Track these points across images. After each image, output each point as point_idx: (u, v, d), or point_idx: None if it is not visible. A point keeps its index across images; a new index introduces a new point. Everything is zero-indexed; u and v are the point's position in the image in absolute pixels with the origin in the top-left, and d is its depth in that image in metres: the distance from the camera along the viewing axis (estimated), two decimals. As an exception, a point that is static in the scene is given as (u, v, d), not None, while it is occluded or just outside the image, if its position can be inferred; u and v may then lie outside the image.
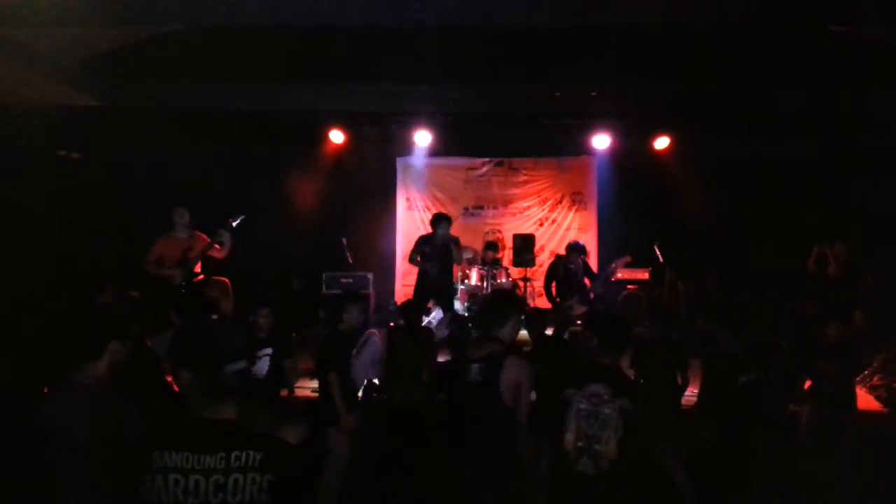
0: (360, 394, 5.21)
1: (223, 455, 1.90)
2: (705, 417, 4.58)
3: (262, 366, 4.90)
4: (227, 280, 6.82)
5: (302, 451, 2.13)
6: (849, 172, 8.54)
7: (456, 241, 7.63)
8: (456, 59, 6.70)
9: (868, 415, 5.35)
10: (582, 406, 3.12)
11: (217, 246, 6.46)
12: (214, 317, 5.28)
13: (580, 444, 3.09)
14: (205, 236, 6.55)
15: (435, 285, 7.55)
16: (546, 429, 3.27)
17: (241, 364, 2.05)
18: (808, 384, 4.87)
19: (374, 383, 5.48)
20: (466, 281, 9.03)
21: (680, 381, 4.87)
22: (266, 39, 6.46)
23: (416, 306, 6.00)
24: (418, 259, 7.55)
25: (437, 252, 7.48)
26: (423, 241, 7.62)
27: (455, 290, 8.51)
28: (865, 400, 5.62)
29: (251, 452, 1.91)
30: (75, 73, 7.11)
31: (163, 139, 8.80)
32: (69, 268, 7.17)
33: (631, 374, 4.81)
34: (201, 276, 6.56)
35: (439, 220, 7.57)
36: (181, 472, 1.88)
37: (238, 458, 1.90)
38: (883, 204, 7.63)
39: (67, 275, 6.85)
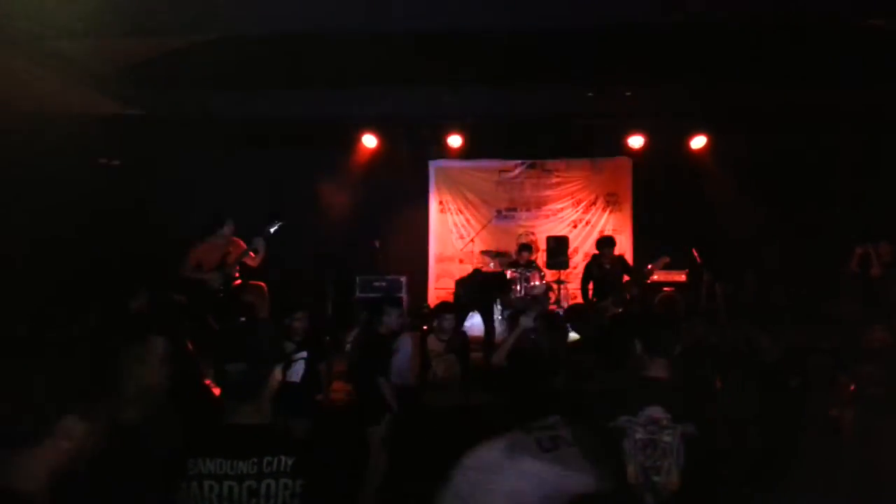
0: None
1: (255, 460, 1.91)
2: (752, 424, 4.47)
3: (298, 369, 4.95)
4: (263, 284, 6.91)
5: (336, 455, 2.11)
6: (892, 170, 8.28)
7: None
8: (487, 61, 6.70)
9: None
10: (639, 436, 2.70)
11: (252, 254, 6.55)
12: (251, 319, 5.35)
13: (640, 479, 2.70)
14: (242, 242, 6.64)
15: None
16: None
17: (240, 365, 2.04)
18: (851, 388, 4.73)
19: (408, 386, 5.49)
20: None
21: (719, 385, 4.77)
22: (300, 46, 6.56)
23: (451, 309, 5.95)
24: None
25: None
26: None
27: None
28: None
29: (283, 457, 1.92)
30: (114, 82, 7.29)
31: (199, 146, 8.98)
32: (105, 273, 7.34)
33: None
34: (238, 281, 6.66)
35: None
36: (215, 479, 1.89)
37: (270, 464, 1.91)
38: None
39: (103, 280, 7.00)
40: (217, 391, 3.98)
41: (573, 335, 5.33)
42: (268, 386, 2.07)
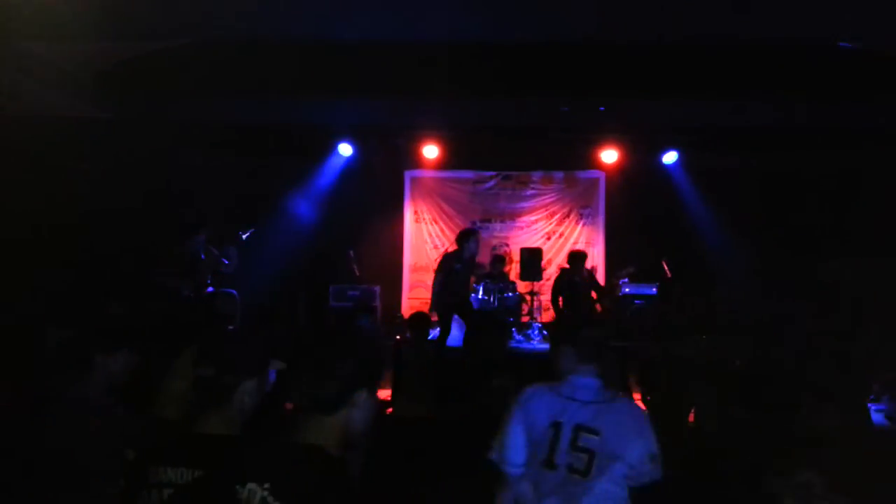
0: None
1: (219, 471, 1.89)
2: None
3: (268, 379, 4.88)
4: (234, 292, 6.84)
5: (302, 465, 2.08)
6: (856, 185, 8.49)
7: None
8: (464, 73, 6.73)
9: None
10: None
11: (225, 261, 6.49)
12: (230, 327, 5.30)
13: None
14: (214, 250, 6.57)
15: (459, 298, 7.35)
16: None
17: (210, 371, 2.01)
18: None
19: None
20: (474, 295, 9.01)
21: (687, 398, 4.81)
22: (275, 53, 6.52)
23: (424, 319, 5.96)
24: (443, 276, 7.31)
25: (465, 267, 7.36)
26: (452, 258, 7.43)
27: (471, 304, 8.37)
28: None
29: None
30: (88, 85, 7.19)
31: (171, 152, 8.86)
32: (74, 279, 7.20)
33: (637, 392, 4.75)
34: (210, 289, 6.58)
35: (470, 235, 7.44)
36: (176, 488, 1.86)
37: (235, 474, 1.88)
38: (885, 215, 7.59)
39: (73, 286, 6.87)
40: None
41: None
42: (237, 396, 2.03)
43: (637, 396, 4.84)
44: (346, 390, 1.86)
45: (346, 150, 9.56)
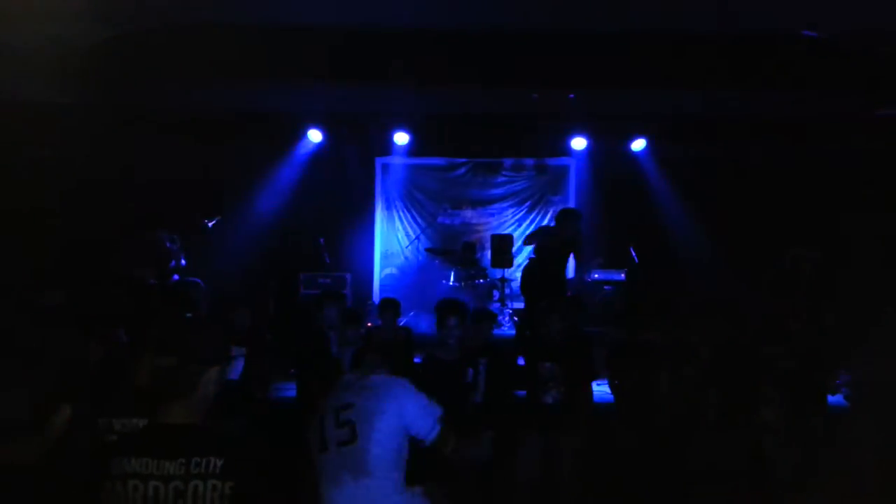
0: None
1: (183, 461, 1.86)
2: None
3: (236, 367, 4.85)
4: (199, 281, 6.76)
5: (269, 457, 2.07)
6: (822, 175, 8.66)
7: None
8: (435, 59, 6.69)
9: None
10: None
11: (189, 248, 6.42)
12: (189, 315, 5.22)
13: None
14: (178, 238, 6.48)
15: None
16: None
17: (171, 360, 1.98)
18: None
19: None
20: (444, 282, 9.03)
21: (658, 383, 4.88)
22: (244, 38, 6.40)
23: (394, 305, 5.92)
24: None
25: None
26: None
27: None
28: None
29: (212, 458, 1.88)
30: (54, 70, 6.99)
31: (138, 138, 8.68)
32: (34, 266, 7.04)
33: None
34: (174, 276, 6.50)
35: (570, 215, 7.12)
36: (140, 478, 1.84)
37: (198, 465, 1.86)
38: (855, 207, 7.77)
39: (33, 274, 6.72)
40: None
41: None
42: (200, 385, 2.01)
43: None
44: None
45: (315, 136, 9.46)
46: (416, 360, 5.11)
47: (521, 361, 5.12)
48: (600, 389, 4.81)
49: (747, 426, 4.61)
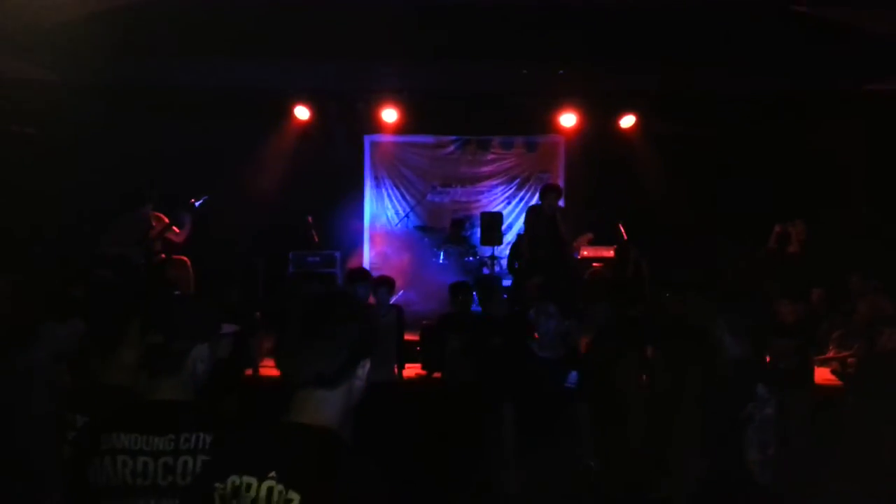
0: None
1: (172, 437, 1.87)
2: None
3: (227, 345, 4.84)
4: (186, 259, 6.74)
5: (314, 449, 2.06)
6: (807, 151, 8.71)
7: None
8: (423, 35, 6.62)
9: (825, 389, 5.47)
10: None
11: (176, 229, 6.38)
12: (177, 293, 5.22)
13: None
14: (164, 217, 6.44)
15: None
16: None
17: (159, 338, 1.97)
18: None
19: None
20: (434, 259, 9.05)
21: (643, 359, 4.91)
22: (228, 13, 6.31)
23: (388, 283, 5.86)
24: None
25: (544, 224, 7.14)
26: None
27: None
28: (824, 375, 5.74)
29: (202, 434, 1.88)
30: (31, 46, 6.87)
31: (121, 115, 8.57)
32: (18, 246, 6.99)
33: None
34: (162, 256, 6.46)
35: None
36: (129, 454, 1.84)
37: (188, 440, 1.87)
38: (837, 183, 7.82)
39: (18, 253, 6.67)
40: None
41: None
42: (188, 361, 2.01)
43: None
44: (350, 361, 1.66)
45: (302, 113, 9.36)
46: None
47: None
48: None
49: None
